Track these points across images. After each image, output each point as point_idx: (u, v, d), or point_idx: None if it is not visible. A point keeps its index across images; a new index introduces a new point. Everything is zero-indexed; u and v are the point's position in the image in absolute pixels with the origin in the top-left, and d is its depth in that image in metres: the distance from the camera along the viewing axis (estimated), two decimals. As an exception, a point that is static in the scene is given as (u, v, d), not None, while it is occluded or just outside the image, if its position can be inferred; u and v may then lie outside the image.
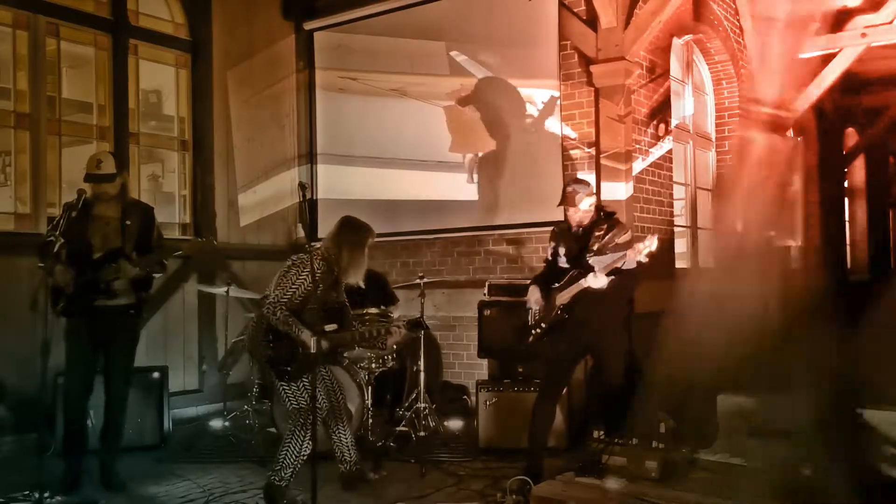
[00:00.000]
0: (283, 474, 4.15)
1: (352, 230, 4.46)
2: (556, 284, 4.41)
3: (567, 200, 4.41)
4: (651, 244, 4.10)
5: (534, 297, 4.49)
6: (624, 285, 4.38)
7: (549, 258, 4.64)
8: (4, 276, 5.44)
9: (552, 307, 4.38)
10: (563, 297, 4.32)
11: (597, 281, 4.20)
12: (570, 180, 4.61)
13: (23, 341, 5.25)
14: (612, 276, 4.21)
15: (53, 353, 4.03)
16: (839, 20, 8.42)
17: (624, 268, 4.17)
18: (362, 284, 4.61)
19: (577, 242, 4.43)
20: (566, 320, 4.36)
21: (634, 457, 4.07)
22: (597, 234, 4.35)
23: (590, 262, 4.26)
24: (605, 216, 4.46)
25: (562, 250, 4.50)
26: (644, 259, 4.12)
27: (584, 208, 4.39)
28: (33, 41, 5.99)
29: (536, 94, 6.48)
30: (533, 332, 4.49)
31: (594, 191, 4.64)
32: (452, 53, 6.92)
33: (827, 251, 11.07)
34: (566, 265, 4.45)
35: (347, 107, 7.60)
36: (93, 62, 6.50)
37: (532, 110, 6.51)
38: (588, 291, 4.26)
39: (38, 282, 4.03)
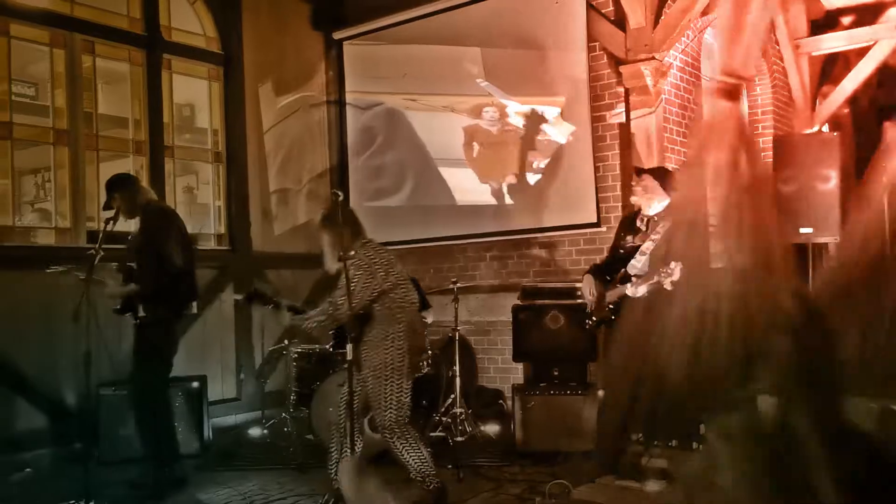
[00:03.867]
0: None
1: None
2: (609, 278, 4.42)
3: (637, 191, 4.46)
4: (674, 273, 4.07)
5: (586, 288, 4.50)
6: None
7: (613, 247, 4.64)
8: (47, 289, 5.54)
9: (603, 303, 4.38)
10: (610, 296, 4.34)
11: (635, 292, 4.19)
12: (640, 169, 4.61)
13: (66, 353, 5.39)
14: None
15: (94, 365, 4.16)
16: (874, 13, 8.29)
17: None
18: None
19: (638, 235, 4.45)
20: (616, 318, 4.36)
21: (674, 459, 4.03)
22: (652, 232, 4.34)
23: (632, 272, 4.26)
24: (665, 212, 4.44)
25: (625, 240, 4.50)
26: (669, 287, 4.08)
27: (636, 199, 4.47)
28: (70, 59, 6.12)
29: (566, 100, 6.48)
30: (588, 321, 4.50)
31: (655, 183, 4.50)
32: (478, 81, 6.93)
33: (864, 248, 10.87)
34: (624, 257, 4.46)
35: (377, 114, 7.67)
36: (128, 78, 6.62)
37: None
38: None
39: (81, 294, 4.11)
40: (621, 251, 4.53)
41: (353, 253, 4.16)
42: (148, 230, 4.65)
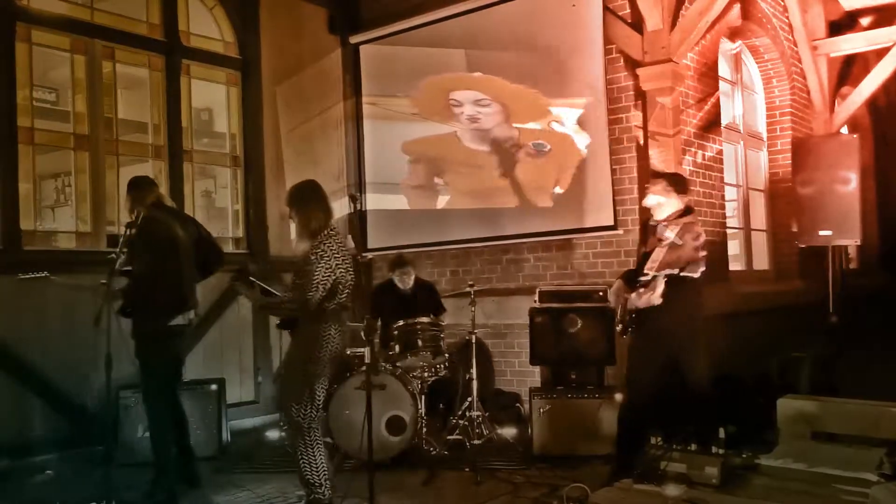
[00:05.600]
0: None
1: None
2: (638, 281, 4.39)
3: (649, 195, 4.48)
4: (657, 287, 4.06)
5: (612, 295, 4.55)
6: (687, 296, 4.31)
7: (638, 252, 4.64)
8: (68, 293, 5.59)
9: (626, 309, 4.35)
10: (631, 303, 4.29)
11: (636, 303, 4.18)
12: (656, 173, 4.63)
13: (86, 356, 5.43)
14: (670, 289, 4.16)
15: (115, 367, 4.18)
16: (893, 13, 8.23)
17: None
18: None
19: (651, 241, 4.40)
20: (640, 323, 4.33)
21: (694, 463, 4.00)
22: (664, 237, 4.27)
23: (645, 279, 4.22)
24: (682, 214, 4.38)
25: (645, 245, 4.48)
26: (657, 301, 4.09)
27: (649, 203, 4.46)
28: (90, 65, 6.19)
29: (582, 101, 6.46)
30: (617, 327, 4.50)
31: (669, 188, 4.46)
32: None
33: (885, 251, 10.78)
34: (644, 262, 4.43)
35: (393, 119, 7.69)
36: (147, 83, 6.67)
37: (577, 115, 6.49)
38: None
39: (102, 297, 4.14)
40: (644, 256, 4.52)
41: (319, 240, 4.16)
42: (140, 235, 4.55)
